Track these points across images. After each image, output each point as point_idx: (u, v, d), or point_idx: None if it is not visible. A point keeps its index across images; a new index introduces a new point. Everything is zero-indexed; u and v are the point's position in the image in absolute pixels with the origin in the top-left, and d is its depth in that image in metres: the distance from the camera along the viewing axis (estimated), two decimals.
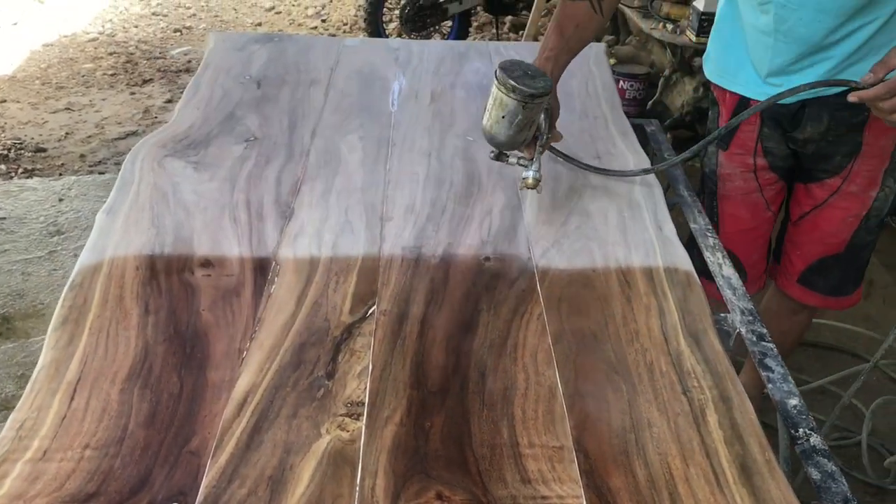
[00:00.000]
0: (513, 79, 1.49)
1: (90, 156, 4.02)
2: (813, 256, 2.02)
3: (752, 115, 1.79)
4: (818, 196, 1.94)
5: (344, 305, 1.39)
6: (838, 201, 1.92)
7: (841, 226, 1.95)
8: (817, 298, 2.07)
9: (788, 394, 1.31)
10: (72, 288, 1.40)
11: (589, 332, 1.34)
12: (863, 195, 1.90)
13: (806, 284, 2.06)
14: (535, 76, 1.51)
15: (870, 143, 1.82)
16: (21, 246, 3.18)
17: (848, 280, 2.03)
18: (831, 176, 1.90)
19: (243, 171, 1.77)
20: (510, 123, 1.52)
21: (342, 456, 1.09)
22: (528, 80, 1.50)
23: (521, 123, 1.52)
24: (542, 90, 1.50)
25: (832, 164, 1.88)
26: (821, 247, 1.99)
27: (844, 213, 1.92)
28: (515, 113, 1.51)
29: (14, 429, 1.12)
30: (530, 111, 1.51)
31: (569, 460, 1.10)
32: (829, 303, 2.08)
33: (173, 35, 5.67)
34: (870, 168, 1.86)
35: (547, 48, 1.71)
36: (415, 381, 1.23)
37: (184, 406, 1.17)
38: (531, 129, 1.56)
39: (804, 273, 2.05)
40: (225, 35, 2.53)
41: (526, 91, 1.48)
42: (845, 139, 1.81)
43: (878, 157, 1.85)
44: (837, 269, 2.00)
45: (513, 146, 1.58)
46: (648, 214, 1.66)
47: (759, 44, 1.81)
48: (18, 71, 4.96)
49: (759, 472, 1.09)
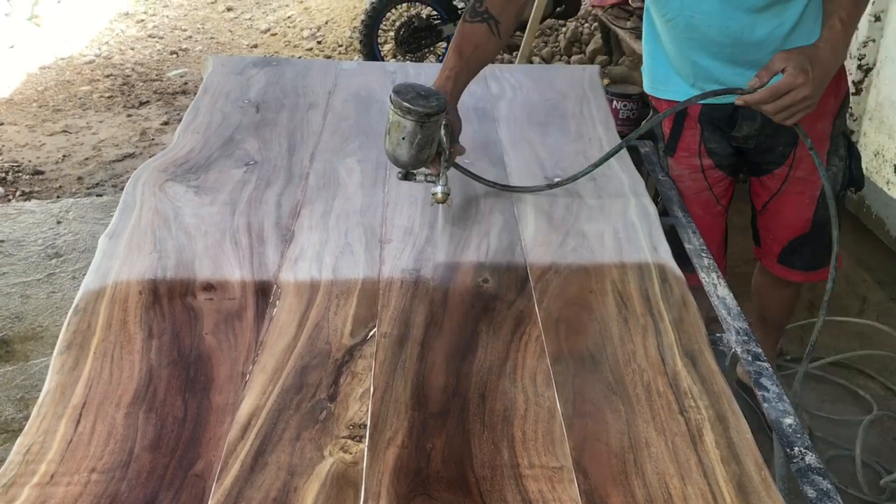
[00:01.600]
0: (406, 101, 1.54)
1: (88, 178, 4.04)
2: (784, 239, 2.15)
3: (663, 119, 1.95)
4: (772, 187, 2.08)
5: (345, 328, 1.41)
6: (791, 187, 2.05)
7: (800, 209, 2.07)
8: (798, 275, 2.20)
9: (784, 413, 1.32)
10: (76, 312, 1.42)
11: (587, 352, 1.36)
12: (811, 178, 2.02)
13: (785, 264, 2.19)
14: (428, 96, 1.57)
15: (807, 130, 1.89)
16: (19, 269, 3.19)
17: (822, 254, 2.14)
18: (778, 166, 2.03)
19: (244, 195, 1.79)
20: (410, 144, 1.57)
21: (345, 478, 1.11)
22: (421, 100, 1.55)
23: (420, 143, 1.57)
24: (436, 108, 1.56)
25: (775, 154, 2.01)
26: (788, 231, 2.13)
27: (800, 196, 2.05)
28: (414, 133, 1.56)
29: (21, 453, 1.14)
30: (428, 130, 1.57)
31: (568, 481, 1.12)
32: (809, 277, 2.21)
33: (169, 57, 5.71)
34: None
35: (447, 68, 1.77)
36: (416, 402, 1.25)
37: (188, 429, 1.19)
38: (432, 146, 1.61)
39: (781, 255, 2.18)
40: (223, 59, 2.56)
41: (421, 111, 1.54)
42: (782, 130, 1.92)
43: (817, 141, 1.95)
44: (808, 246, 2.13)
45: (417, 165, 1.64)
46: (644, 235, 1.69)
47: (678, 56, 1.93)
48: (15, 94, 4.99)
49: (755, 490, 1.11)
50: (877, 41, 3.45)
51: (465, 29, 1.79)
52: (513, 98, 2.32)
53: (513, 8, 1.80)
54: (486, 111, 2.24)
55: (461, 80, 1.78)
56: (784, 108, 1.61)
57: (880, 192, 3.44)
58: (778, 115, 1.63)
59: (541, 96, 2.34)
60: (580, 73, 2.50)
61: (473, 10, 1.78)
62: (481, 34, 1.78)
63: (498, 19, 1.78)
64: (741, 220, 2.38)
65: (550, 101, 2.30)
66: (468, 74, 1.80)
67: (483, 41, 1.79)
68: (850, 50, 3.52)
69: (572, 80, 2.44)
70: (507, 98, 2.32)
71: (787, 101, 1.60)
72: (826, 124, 1.97)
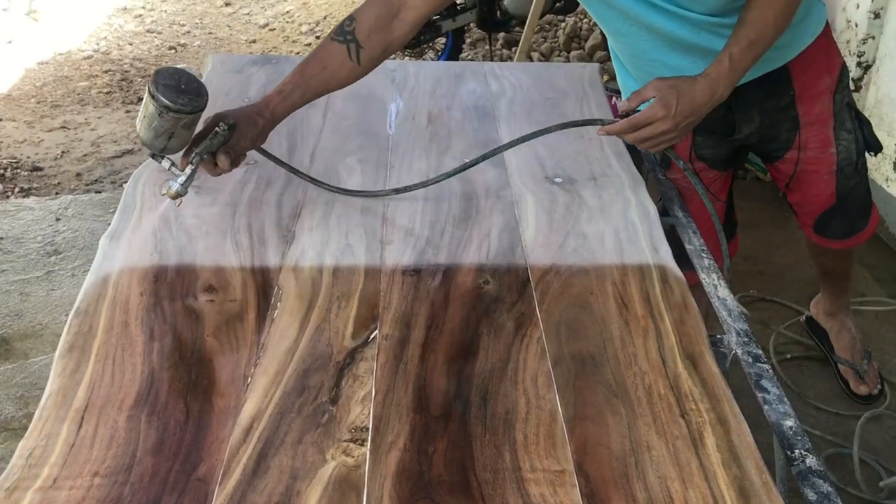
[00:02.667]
0: (157, 85, 1.48)
1: (86, 174, 4.03)
2: (814, 213, 2.16)
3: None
4: (786, 171, 2.09)
5: (346, 330, 1.41)
6: (805, 168, 2.06)
7: (820, 185, 2.08)
8: (836, 243, 2.23)
9: (784, 415, 1.33)
10: (77, 314, 1.42)
11: (588, 355, 1.36)
12: (824, 156, 2.03)
13: (821, 233, 2.21)
14: (185, 91, 1.49)
15: (806, 114, 1.96)
16: (18, 266, 3.19)
17: (855, 220, 2.18)
18: (786, 151, 2.04)
19: (244, 195, 1.79)
20: (148, 126, 1.52)
21: (347, 482, 1.11)
22: (172, 91, 1.48)
23: (157, 129, 1.51)
24: (181, 107, 1.48)
25: (780, 141, 2.02)
26: (815, 205, 2.14)
27: (816, 174, 2.06)
28: (153, 118, 1.50)
29: (24, 457, 1.14)
30: (166, 122, 1.50)
31: (570, 484, 1.12)
32: (846, 243, 2.24)
33: (168, 53, 5.70)
34: (817, 133, 2.00)
35: (284, 82, 1.68)
36: (417, 405, 1.25)
37: (190, 433, 1.19)
38: (171, 139, 1.54)
39: (815, 226, 2.20)
40: (222, 57, 2.56)
41: (163, 101, 1.47)
42: (781, 119, 1.94)
43: (821, 121, 1.97)
44: (839, 217, 2.15)
45: (154, 149, 1.57)
46: (644, 236, 1.69)
47: (640, 64, 1.93)
48: (13, 89, 4.97)
49: (756, 494, 1.11)
50: (876, 38, 3.44)
51: (322, 46, 1.70)
52: (513, 97, 2.32)
53: (382, 38, 1.70)
54: (486, 110, 2.24)
55: (292, 99, 1.67)
56: (643, 139, 1.63)
57: (880, 189, 3.44)
58: (640, 144, 1.66)
59: (541, 95, 2.33)
60: (580, 72, 2.49)
61: (341, 28, 1.69)
62: (336, 56, 1.68)
63: (362, 45, 1.68)
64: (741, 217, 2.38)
65: (550, 100, 2.30)
66: (303, 96, 1.69)
67: (335, 64, 1.69)
68: (850, 47, 3.52)
69: (572, 79, 2.44)
70: (507, 97, 2.32)
71: (645, 133, 1.61)
72: (826, 103, 1.97)
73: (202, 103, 1.52)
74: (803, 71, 1.91)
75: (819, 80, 1.93)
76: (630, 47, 1.93)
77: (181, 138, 1.55)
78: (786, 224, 2.28)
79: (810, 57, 1.90)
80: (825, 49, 1.93)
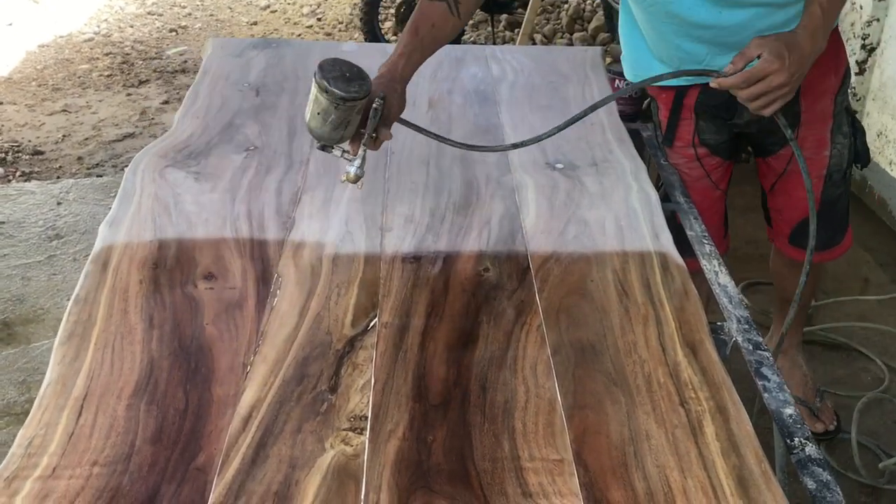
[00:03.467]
0: (327, 80, 1.51)
1: (88, 158, 4.03)
2: (794, 220, 2.13)
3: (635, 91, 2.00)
4: (777, 167, 2.07)
5: (346, 318, 1.41)
6: (796, 167, 1.96)
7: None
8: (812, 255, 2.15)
9: (784, 403, 1.33)
10: (76, 302, 1.42)
11: (587, 343, 1.36)
12: (817, 157, 2.00)
13: (797, 244, 2.16)
14: (352, 79, 1.53)
15: (808, 110, 1.94)
16: (20, 250, 3.19)
17: (834, 232, 2.14)
18: (782, 147, 2.01)
19: (244, 182, 1.79)
20: (324, 121, 1.55)
21: (346, 471, 1.11)
22: (342, 82, 1.51)
23: (335, 122, 1.55)
24: (355, 94, 1.51)
25: (778, 136, 1.96)
26: (797, 211, 2.10)
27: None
28: (329, 112, 1.53)
29: (23, 446, 1.14)
30: (343, 112, 1.53)
31: (569, 473, 1.12)
32: (822, 256, 2.17)
33: (169, 35, 5.68)
34: (815, 132, 1.98)
35: (401, 45, 1.73)
36: (417, 394, 1.25)
37: (189, 422, 1.19)
38: (347, 127, 1.57)
39: (792, 235, 2.16)
40: (223, 41, 2.55)
41: (337, 93, 1.50)
42: (784, 111, 1.88)
43: (820, 120, 1.96)
44: (819, 226, 2.04)
45: (331, 141, 1.60)
46: (645, 223, 1.68)
47: (660, 42, 1.91)
48: (14, 72, 4.96)
49: (755, 483, 1.11)
50: (881, 20, 3.42)
51: (423, 7, 1.74)
52: (514, 81, 2.31)
53: None
54: (487, 94, 2.23)
55: (413, 59, 1.73)
56: (759, 94, 1.58)
57: (883, 174, 3.43)
58: (753, 102, 1.59)
59: (542, 79, 2.32)
60: (582, 55, 2.48)
61: None
62: (439, 13, 1.73)
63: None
64: (742, 201, 2.38)
65: (552, 84, 2.29)
66: (422, 54, 1.75)
67: (440, 20, 1.73)
68: (854, 29, 3.50)
69: (574, 63, 2.43)
70: (508, 81, 2.31)
71: (761, 87, 1.57)
72: (827, 102, 1.96)
73: (369, 84, 1.56)
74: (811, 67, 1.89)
75: (825, 78, 1.90)
76: (652, 28, 1.91)
77: (354, 124, 1.58)
78: None
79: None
80: (833, 48, 1.90)
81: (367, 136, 1.59)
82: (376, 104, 1.57)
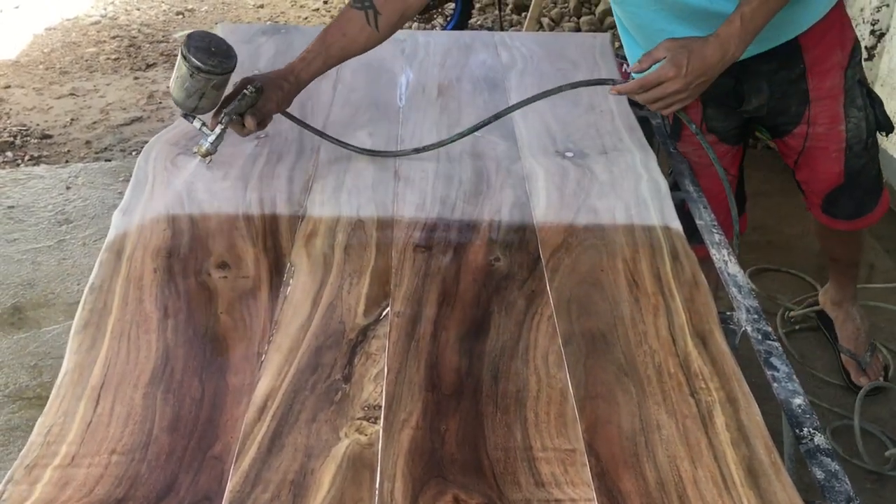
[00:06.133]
0: (189, 48, 1.58)
1: (96, 142, 4.03)
2: (822, 191, 2.14)
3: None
4: (795, 146, 2.07)
5: (358, 307, 1.42)
6: (814, 143, 2.03)
7: (829, 163, 2.06)
8: (844, 224, 2.19)
9: (793, 393, 1.34)
10: (91, 290, 1.43)
11: (598, 333, 1.37)
12: (833, 132, 2.01)
13: (829, 214, 2.18)
14: (215, 54, 1.60)
15: (816, 88, 1.95)
16: (30, 235, 3.21)
17: (863, 200, 2.16)
18: (795, 125, 2.02)
19: (255, 170, 1.80)
20: (181, 86, 1.62)
21: (361, 460, 1.13)
22: (202, 53, 1.58)
23: (189, 90, 1.61)
24: (211, 68, 1.58)
25: (790, 115, 2.00)
26: (823, 183, 2.12)
27: (825, 151, 2.04)
28: (185, 79, 1.60)
29: (42, 434, 1.15)
30: (197, 82, 1.60)
31: (581, 463, 1.13)
32: (854, 224, 2.21)
33: (175, 18, 5.67)
34: (827, 108, 1.98)
35: (306, 50, 1.76)
36: (429, 383, 1.26)
37: (206, 410, 1.20)
38: (202, 99, 1.63)
39: (823, 206, 2.17)
40: (232, 27, 2.55)
41: (193, 62, 1.57)
42: (791, 91, 1.92)
43: (830, 97, 1.96)
44: (847, 196, 2.12)
45: (185, 108, 1.66)
46: (655, 212, 1.69)
47: (648, 33, 1.91)
48: (22, 56, 4.96)
49: (765, 474, 1.12)
50: (890, 6, 3.41)
51: (342, 13, 1.76)
52: (523, 68, 2.31)
53: (398, 3, 1.75)
54: (496, 81, 2.23)
55: (314, 66, 1.75)
56: (654, 99, 1.62)
57: (891, 160, 3.42)
58: (651, 105, 1.64)
59: (552, 66, 2.32)
60: (591, 42, 2.48)
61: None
62: (356, 23, 1.74)
63: (379, 10, 1.73)
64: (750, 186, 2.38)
65: (561, 71, 2.29)
66: (325, 62, 1.77)
67: (354, 31, 1.75)
68: (864, 15, 3.49)
69: (583, 49, 2.43)
70: (517, 68, 2.31)
71: (656, 93, 1.61)
72: (836, 79, 1.96)
73: (231, 65, 1.63)
74: (815, 44, 1.90)
75: (830, 55, 1.91)
76: (637, 17, 1.92)
77: (211, 99, 1.64)
78: (795, 194, 2.26)
79: (822, 30, 1.88)
80: (838, 23, 1.91)
81: (226, 115, 1.64)
82: (247, 90, 1.64)
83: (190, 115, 1.68)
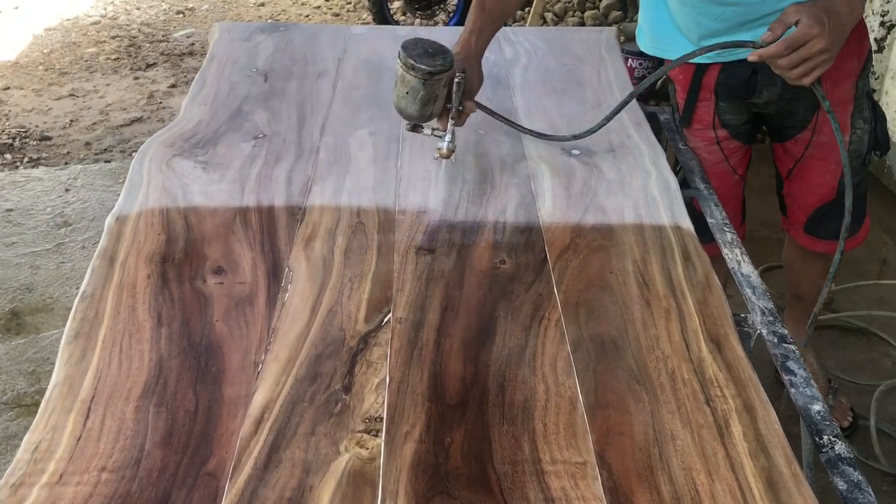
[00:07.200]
0: (412, 57, 1.57)
1: (95, 143, 3.99)
2: (810, 207, 2.08)
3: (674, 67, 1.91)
4: (795, 152, 2.02)
5: (359, 313, 1.37)
6: (814, 153, 1.99)
7: (825, 175, 2.01)
8: (825, 245, 2.12)
9: (812, 399, 1.29)
10: (83, 299, 1.38)
11: (608, 338, 1.32)
12: (835, 143, 1.90)
13: (812, 234, 2.12)
14: (434, 54, 1.59)
15: (828, 94, 1.86)
16: (28, 238, 3.16)
17: (851, 221, 2.01)
18: (800, 130, 1.97)
19: (252, 171, 1.74)
20: (414, 99, 1.61)
21: (362, 476, 1.08)
22: (426, 58, 1.58)
23: (424, 98, 1.61)
24: (441, 67, 1.58)
25: (797, 119, 1.96)
26: (814, 197, 2.06)
27: (824, 162, 1.99)
28: (417, 89, 1.60)
29: (29, 451, 1.10)
30: (431, 87, 1.60)
31: (592, 477, 1.08)
32: (836, 247, 2.09)
33: (175, 17, 5.62)
34: (835, 116, 1.88)
35: (470, 23, 1.76)
36: (433, 393, 1.21)
37: (200, 424, 1.15)
38: (436, 102, 1.64)
39: (807, 224, 2.11)
40: (230, 25, 2.50)
41: (424, 69, 1.57)
42: (803, 93, 1.87)
43: (841, 103, 1.89)
44: (834, 214, 2.03)
45: (422, 119, 1.66)
46: (665, 211, 1.64)
47: (682, 15, 1.89)
48: (21, 56, 4.92)
49: (785, 486, 1.07)
50: None
51: None
52: (528, 64, 2.26)
53: None
54: (500, 78, 2.18)
55: (484, 34, 1.77)
56: (800, 61, 1.53)
57: None
58: (794, 70, 1.55)
59: (556, 61, 2.27)
60: (597, 37, 2.42)
61: None
62: None
63: None
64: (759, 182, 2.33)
65: (566, 67, 2.24)
66: (492, 28, 1.79)
67: None
68: (873, 6, 3.43)
69: (589, 44, 2.37)
70: (521, 64, 2.26)
71: (802, 53, 1.52)
72: (848, 86, 1.91)
73: (452, 56, 1.62)
74: None
75: (846, 62, 1.85)
76: None
77: (441, 99, 1.65)
78: None
79: None
80: (856, 31, 1.84)
81: (455, 110, 1.65)
82: (458, 78, 1.64)
83: (418, 127, 1.69)
